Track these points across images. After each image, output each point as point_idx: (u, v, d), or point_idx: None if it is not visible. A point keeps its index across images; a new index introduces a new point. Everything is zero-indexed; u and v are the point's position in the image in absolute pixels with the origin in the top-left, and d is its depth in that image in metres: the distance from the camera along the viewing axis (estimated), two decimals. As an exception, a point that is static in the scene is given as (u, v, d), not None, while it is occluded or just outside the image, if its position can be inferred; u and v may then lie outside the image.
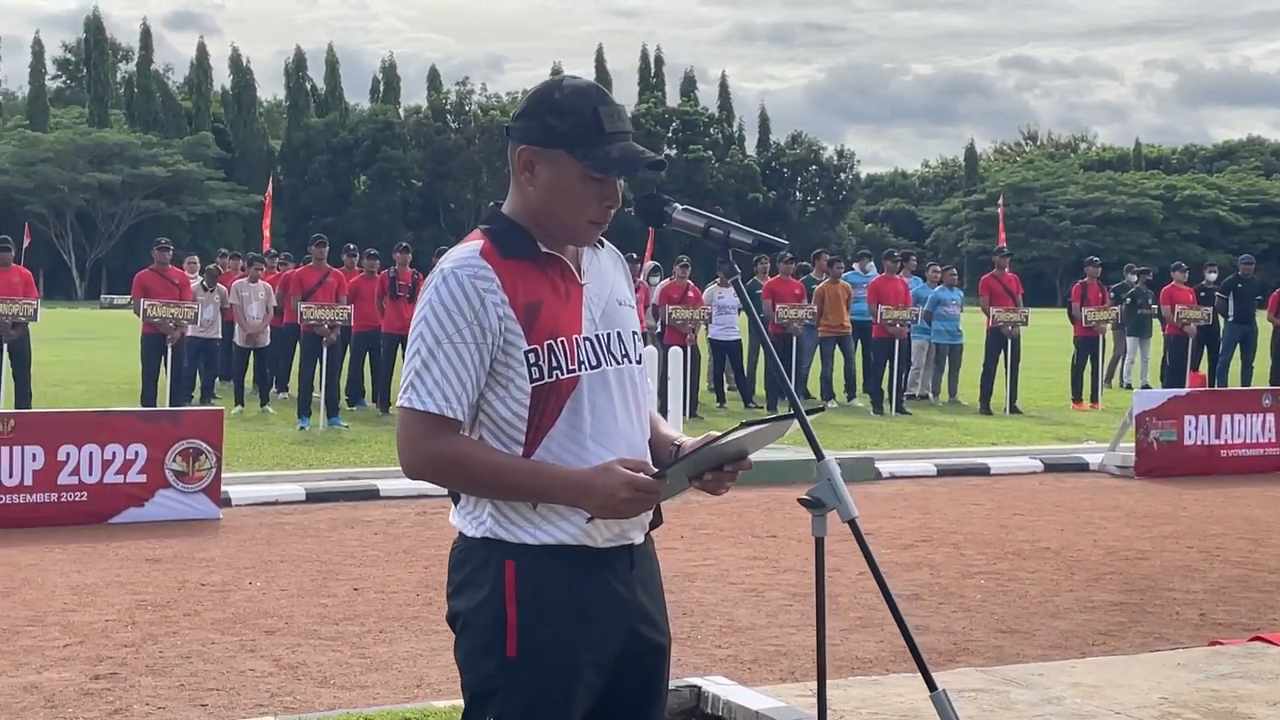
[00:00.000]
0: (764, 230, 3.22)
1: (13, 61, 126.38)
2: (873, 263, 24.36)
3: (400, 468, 3.06)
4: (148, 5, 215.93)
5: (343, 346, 19.18)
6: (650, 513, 3.14)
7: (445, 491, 3.20)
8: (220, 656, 7.24)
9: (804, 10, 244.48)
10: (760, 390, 22.02)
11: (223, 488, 11.64)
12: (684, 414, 19.16)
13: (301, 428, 17.36)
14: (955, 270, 23.53)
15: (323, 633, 7.74)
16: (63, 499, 10.97)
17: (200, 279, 20.68)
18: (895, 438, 17.68)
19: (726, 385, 22.15)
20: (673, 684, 6.31)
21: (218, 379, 21.35)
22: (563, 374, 3.02)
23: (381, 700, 6.47)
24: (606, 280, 3.20)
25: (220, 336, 20.48)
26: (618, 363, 3.12)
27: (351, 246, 19.83)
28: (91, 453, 11.08)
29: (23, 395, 17.07)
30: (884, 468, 14.46)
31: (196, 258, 23.03)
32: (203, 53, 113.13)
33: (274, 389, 20.60)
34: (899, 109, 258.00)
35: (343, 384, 20.16)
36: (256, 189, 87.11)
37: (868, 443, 16.98)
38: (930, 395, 22.85)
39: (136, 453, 11.17)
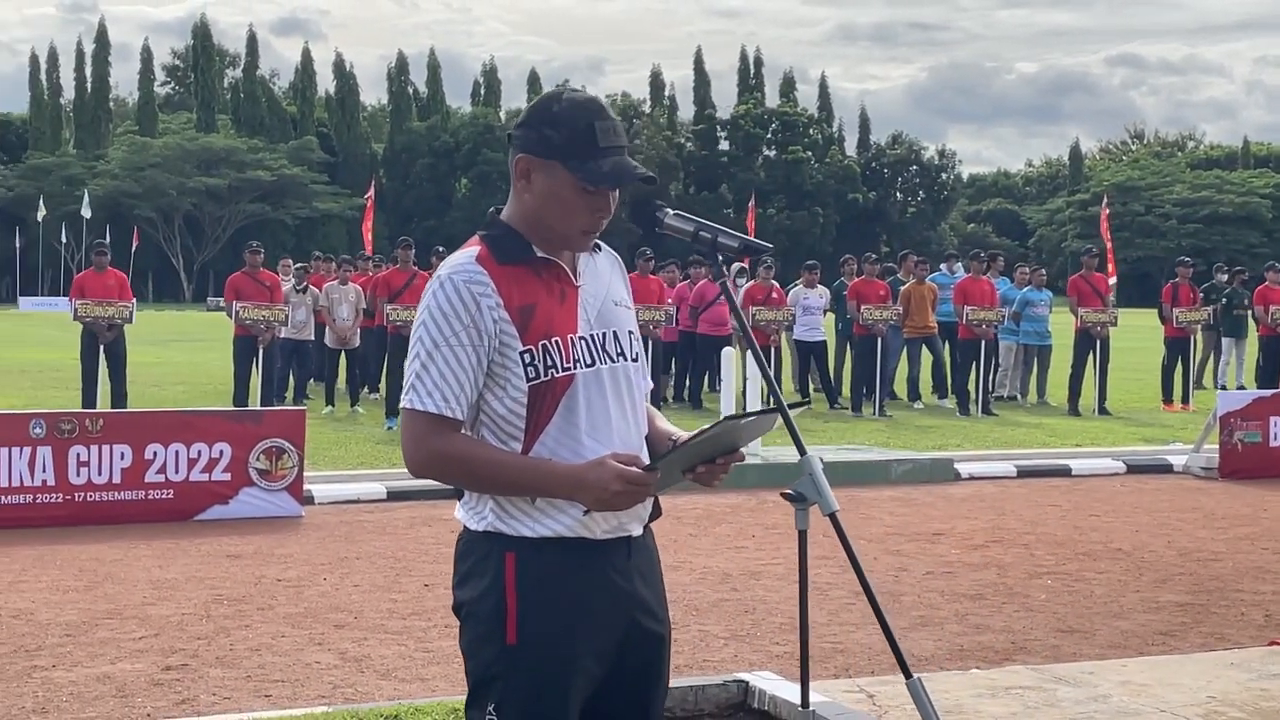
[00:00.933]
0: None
1: (123, 68, 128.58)
2: (960, 263, 24.28)
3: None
4: (254, 12, 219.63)
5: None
6: (648, 506, 3.26)
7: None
8: (289, 649, 7.44)
9: (907, 9, 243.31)
10: (845, 391, 22.01)
11: (306, 486, 11.89)
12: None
13: (389, 428, 17.62)
14: (1043, 271, 23.36)
15: (390, 627, 7.93)
16: (149, 496, 11.26)
17: (292, 281, 21.04)
18: (979, 439, 17.64)
19: (812, 386, 22.16)
20: (720, 678, 6.46)
21: (311, 380, 21.69)
22: (558, 373, 3.14)
23: (440, 693, 6.63)
24: (603, 282, 3.32)
25: (313, 338, 20.82)
26: (612, 361, 3.24)
27: (441, 249, 20.18)
28: (177, 451, 11.37)
29: (119, 395, 17.49)
30: (963, 469, 14.45)
31: (290, 260, 23.38)
32: (307, 58, 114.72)
33: (364, 390, 20.91)
34: (1002, 108, 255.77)
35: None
36: (359, 192, 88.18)
37: (950, 444, 16.97)
38: (1019, 397, 22.73)
39: (221, 452, 11.44)
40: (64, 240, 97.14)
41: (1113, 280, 26.34)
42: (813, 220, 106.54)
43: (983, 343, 20.43)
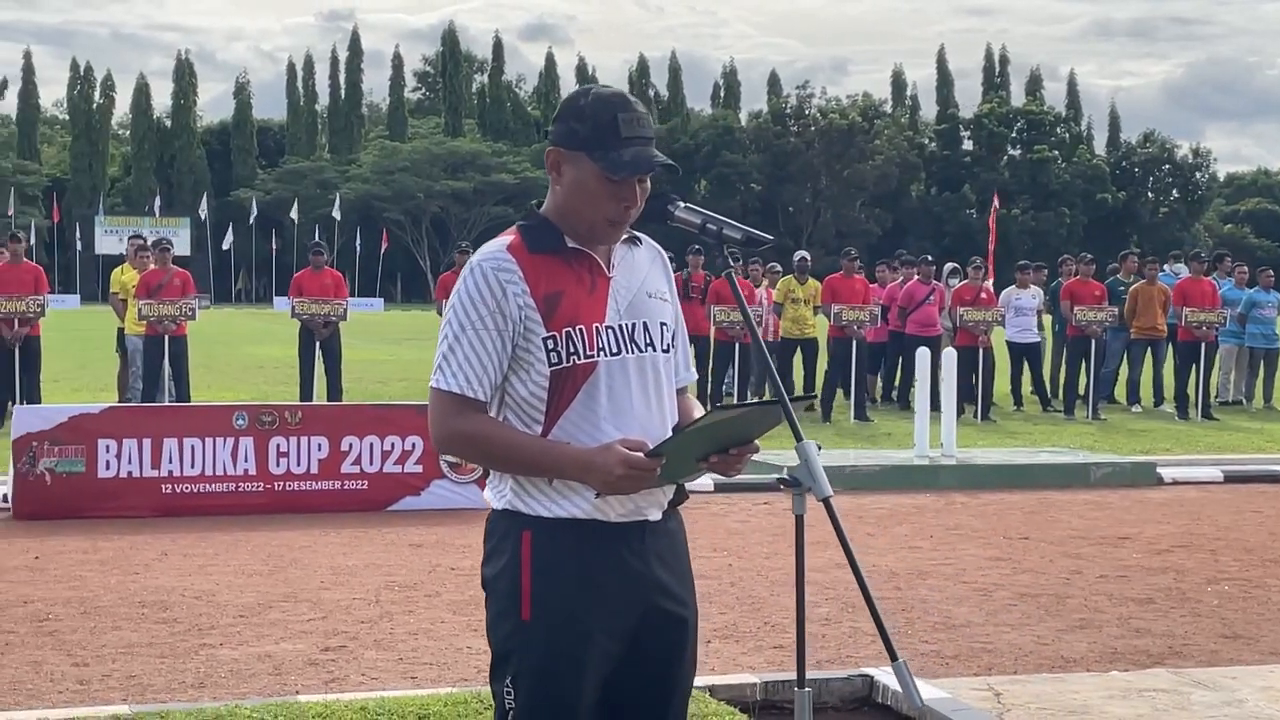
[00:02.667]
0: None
1: (375, 74, 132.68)
2: (1183, 264, 23.64)
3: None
4: (504, 18, 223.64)
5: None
6: (669, 491, 3.36)
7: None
8: (444, 634, 7.68)
9: (1167, 3, 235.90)
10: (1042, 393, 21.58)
11: (495, 479, 12.16)
12: (977, 416, 19.06)
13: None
14: (1270, 271, 22.60)
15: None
16: (344, 487, 11.69)
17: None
18: (1191, 443, 17.19)
19: (1028, 388, 21.81)
20: (845, 673, 6.49)
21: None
22: (580, 359, 3.26)
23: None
24: (638, 274, 3.42)
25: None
26: (640, 350, 3.34)
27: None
28: (372, 444, 11.77)
29: (334, 390, 18.11)
30: (1167, 473, 14.11)
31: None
32: (551, 63, 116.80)
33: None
34: (1264, 104, 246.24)
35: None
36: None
37: (1159, 448, 16.58)
38: (1244, 401, 22.04)
39: (413, 444, 11.80)
40: (316, 241, 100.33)
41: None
42: (1059, 221, 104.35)
43: (1203, 345, 19.88)
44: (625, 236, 3.40)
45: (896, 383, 21.36)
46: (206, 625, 7.82)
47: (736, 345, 18.52)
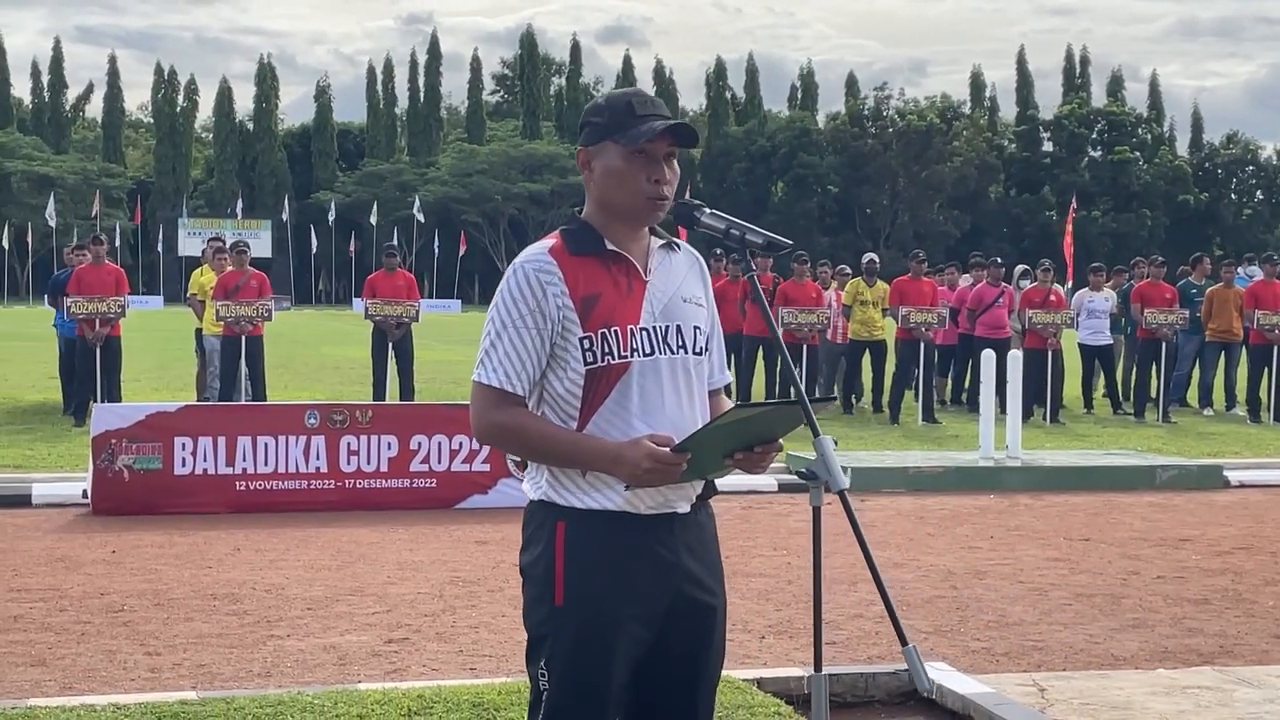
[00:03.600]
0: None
1: (454, 77, 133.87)
2: (1255, 266, 23.46)
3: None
4: (582, 20, 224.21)
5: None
6: (698, 486, 3.52)
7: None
8: (505, 628, 7.86)
9: (1254, 2, 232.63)
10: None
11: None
12: (1046, 419, 19.04)
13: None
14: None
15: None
16: (414, 485, 11.92)
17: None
18: (1261, 446, 17.10)
19: (1100, 391, 21.75)
20: (891, 667, 6.61)
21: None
22: (614, 359, 3.42)
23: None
24: (675, 278, 3.58)
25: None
26: (673, 352, 3.50)
27: (719, 251, 20.45)
28: (440, 443, 11.99)
29: (406, 390, 18.39)
30: (1234, 476, 14.11)
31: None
32: (628, 65, 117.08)
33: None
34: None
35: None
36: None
37: (1228, 451, 16.52)
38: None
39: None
40: (395, 243, 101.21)
41: None
42: (1140, 222, 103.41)
43: (1275, 349, 19.76)
44: (663, 242, 3.57)
45: (966, 385, 21.36)
46: (275, 617, 8.05)
47: (804, 347, 18.60)
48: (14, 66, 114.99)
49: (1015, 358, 15.12)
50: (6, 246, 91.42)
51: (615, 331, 3.43)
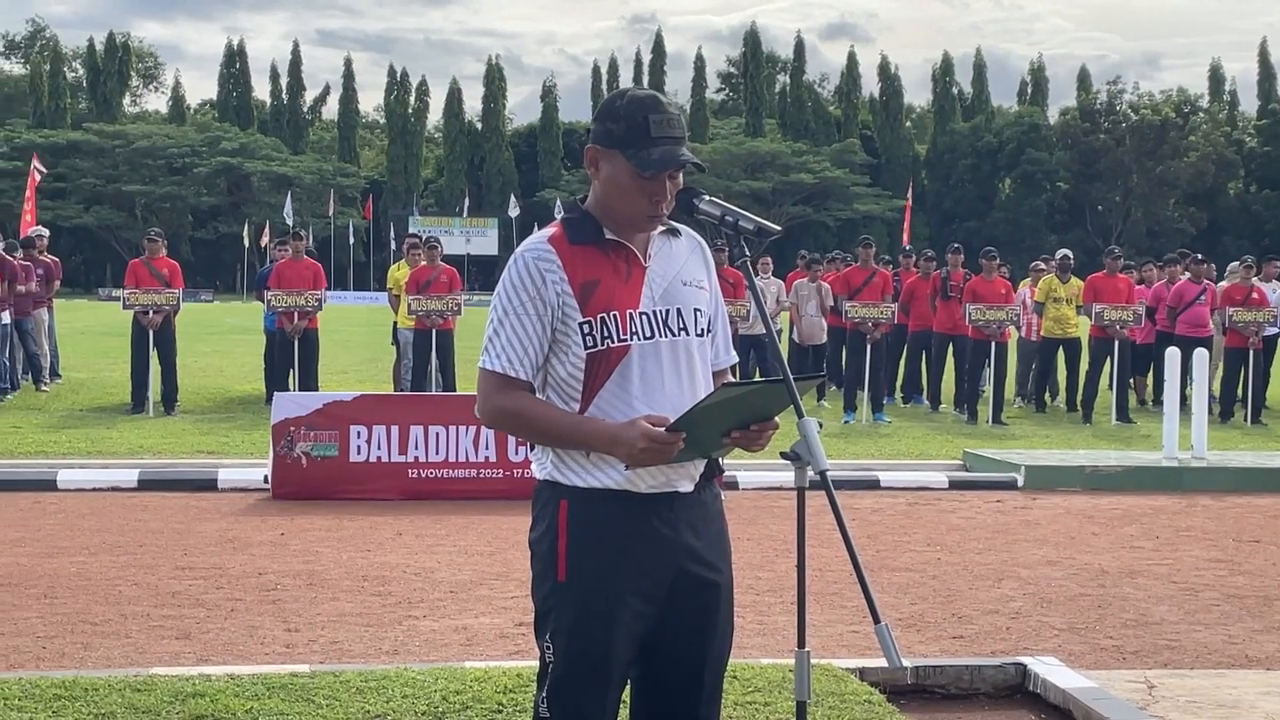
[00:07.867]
0: None
1: (678, 76, 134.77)
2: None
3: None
4: (809, 16, 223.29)
5: (889, 343, 19.51)
6: (699, 465, 3.60)
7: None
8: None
9: None
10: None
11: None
12: (1247, 419, 18.47)
13: (846, 421, 18.01)
14: None
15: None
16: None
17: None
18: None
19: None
20: (999, 660, 6.58)
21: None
22: (614, 343, 3.53)
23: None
24: (675, 263, 3.67)
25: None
26: (674, 335, 3.59)
27: (908, 248, 20.32)
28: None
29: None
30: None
31: (771, 260, 23.98)
32: (852, 61, 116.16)
33: (830, 385, 21.25)
34: None
35: (898, 381, 20.81)
36: (900, 194, 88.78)
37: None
38: None
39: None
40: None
41: None
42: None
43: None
44: (664, 229, 3.66)
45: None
46: (417, 599, 8.30)
47: (993, 345, 18.34)
48: (255, 70, 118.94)
49: (1202, 356, 14.74)
50: (247, 244, 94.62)
51: (614, 316, 3.53)
